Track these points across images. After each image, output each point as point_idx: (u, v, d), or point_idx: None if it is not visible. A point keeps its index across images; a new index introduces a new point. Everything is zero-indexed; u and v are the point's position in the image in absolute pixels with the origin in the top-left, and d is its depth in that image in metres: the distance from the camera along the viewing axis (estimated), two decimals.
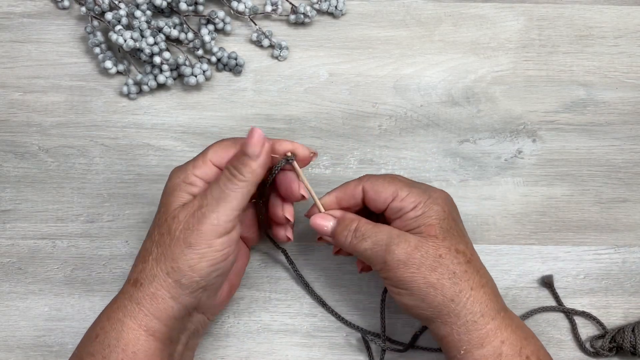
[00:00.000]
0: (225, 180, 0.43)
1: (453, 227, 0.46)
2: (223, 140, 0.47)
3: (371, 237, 0.45)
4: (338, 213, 0.48)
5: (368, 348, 0.53)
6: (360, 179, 0.48)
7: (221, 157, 0.45)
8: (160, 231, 0.44)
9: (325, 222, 0.48)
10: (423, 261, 0.44)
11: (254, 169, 0.43)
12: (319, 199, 0.49)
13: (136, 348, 0.42)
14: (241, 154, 0.43)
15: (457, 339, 0.44)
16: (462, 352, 0.44)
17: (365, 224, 0.46)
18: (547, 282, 0.55)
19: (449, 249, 0.44)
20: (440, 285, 0.44)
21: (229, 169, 0.43)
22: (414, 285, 0.44)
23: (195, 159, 0.46)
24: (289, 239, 0.50)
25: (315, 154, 0.48)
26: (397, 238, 0.44)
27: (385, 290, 0.52)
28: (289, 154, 0.46)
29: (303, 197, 0.48)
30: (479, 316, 0.44)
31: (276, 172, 0.47)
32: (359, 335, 0.54)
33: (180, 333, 0.46)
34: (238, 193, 0.43)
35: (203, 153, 0.46)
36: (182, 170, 0.45)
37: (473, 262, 0.45)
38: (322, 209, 0.48)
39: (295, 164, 0.47)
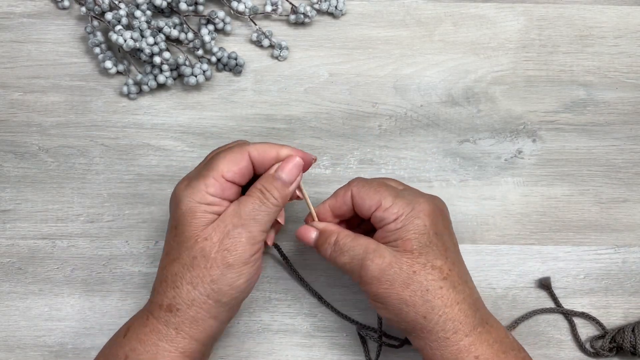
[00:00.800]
0: (258, 202, 0.45)
1: (433, 242, 0.45)
2: (229, 152, 0.46)
3: (349, 251, 0.45)
4: (321, 225, 0.48)
5: (364, 343, 0.53)
6: (349, 183, 0.48)
7: (234, 173, 0.45)
8: (192, 254, 0.43)
9: (308, 234, 0.48)
10: (396, 277, 0.44)
11: (286, 195, 0.46)
12: (315, 207, 0.49)
13: None
14: (273, 178, 0.45)
15: (431, 353, 0.44)
16: None
17: (344, 237, 0.46)
18: (544, 284, 0.55)
19: (425, 265, 0.44)
20: (413, 302, 0.44)
21: (262, 191, 0.45)
22: (387, 300, 0.44)
23: (205, 177, 0.44)
24: (266, 244, 0.50)
25: (315, 159, 0.48)
26: (373, 253, 0.44)
27: None
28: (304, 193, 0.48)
29: (298, 197, 0.48)
30: (452, 333, 0.44)
31: None
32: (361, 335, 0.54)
33: (211, 347, 0.47)
34: (270, 215, 0.45)
35: (212, 169, 0.45)
36: (194, 190, 0.44)
37: (450, 278, 0.44)
38: (315, 217, 0.49)
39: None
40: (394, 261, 0.44)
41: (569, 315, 0.54)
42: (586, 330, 0.54)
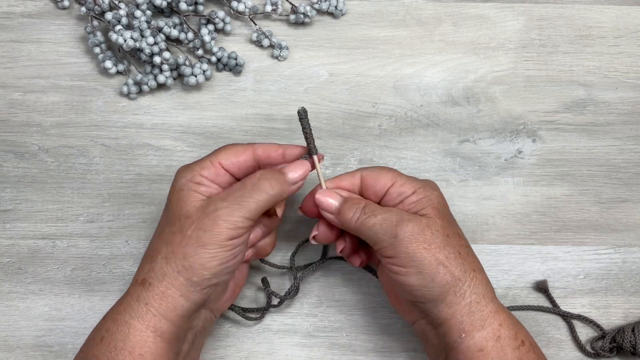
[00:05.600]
0: (250, 187, 0.44)
1: (449, 214, 0.47)
2: (234, 145, 0.47)
3: (381, 213, 0.45)
4: (345, 193, 0.48)
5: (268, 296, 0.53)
6: (357, 169, 0.48)
7: (232, 162, 0.46)
8: (172, 230, 0.44)
9: (331, 199, 0.47)
10: (433, 239, 0.44)
11: (284, 191, 0.45)
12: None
13: (143, 350, 0.42)
14: (279, 172, 0.45)
15: (459, 321, 0.44)
16: (463, 335, 0.44)
17: (371, 203, 0.46)
18: (541, 287, 0.55)
19: (453, 232, 0.46)
20: (449, 264, 0.44)
21: (259, 178, 0.44)
22: (425, 261, 0.44)
23: (202, 160, 0.46)
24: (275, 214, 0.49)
25: (322, 157, 0.48)
26: (408, 216, 0.45)
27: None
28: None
29: (275, 214, 0.49)
30: (482, 297, 0.44)
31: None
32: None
33: (187, 331, 0.46)
34: (258, 204, 0.44)
35: (212, 155, 0.46)
36: (188, 169, 0.46)
37: (469, 247, 0.47)
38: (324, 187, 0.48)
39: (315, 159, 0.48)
40: (430, 224, 0.45)
41: (566, 317, 0.54)
42: (586, 331, 0.54)
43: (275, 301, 0.53)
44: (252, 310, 0.53)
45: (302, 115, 0.47)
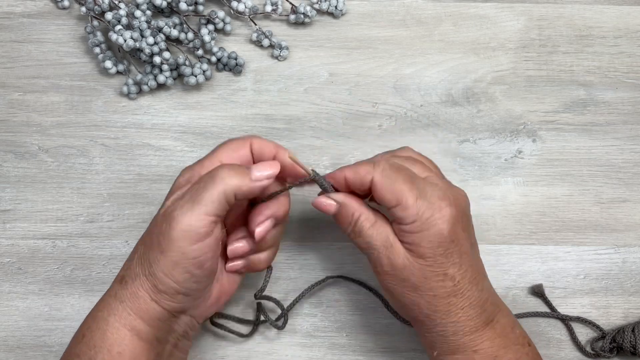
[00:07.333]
0: (207, 177, 0.41)
1: (449, 250, 0.43)
2: (233, 139, 0.46)
3: (365, 238, 0.44)
4: (340, 198, 0.45)
5: (259, 311, 0.52)
6: (375, 166, 0.44)
7: (231, 158, 0.44)
8: (148, 229, 0.44)
9: (326, 206, 0.45)
10: (407, 280, 0.43)
11: (242, 183, 0.41)
12: (331, 172, 0.46)
13: (121, 348, 0.42)
14: (241, 165, 0.43)
15: (430, 342, 0.45)
16: (435, 353, 0.45)
17: (364, 220, 0.44)
18: (537, 292, 0.55)
19: (436, 273, 0.43)
20: (418, 304, 0.44)
21: (219, 167, 0.42)
22: (394, 295, 0.45)
23: (202, 160, 0.45)
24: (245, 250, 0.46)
25: (308, 176, 0.45)
26: (390, 249, 0.43)
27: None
28: (311, 170, 0.44)
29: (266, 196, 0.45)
30: (451, 334, 0.44)
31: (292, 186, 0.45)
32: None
33: (167, 334, 0.45)
34: (213, 195, 0.40)
35: (212, 153, 0.45)
36: (189, 169, 0.45)
37: (460, 285, 0.43)
38: (309, 171, 0.45)
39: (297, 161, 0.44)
40: (407, 264, 0.43)
41: (565, 320, 0.54)
42: (586, 331, 0.54)
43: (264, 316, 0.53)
44: (241, 321, 0.53)
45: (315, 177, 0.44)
